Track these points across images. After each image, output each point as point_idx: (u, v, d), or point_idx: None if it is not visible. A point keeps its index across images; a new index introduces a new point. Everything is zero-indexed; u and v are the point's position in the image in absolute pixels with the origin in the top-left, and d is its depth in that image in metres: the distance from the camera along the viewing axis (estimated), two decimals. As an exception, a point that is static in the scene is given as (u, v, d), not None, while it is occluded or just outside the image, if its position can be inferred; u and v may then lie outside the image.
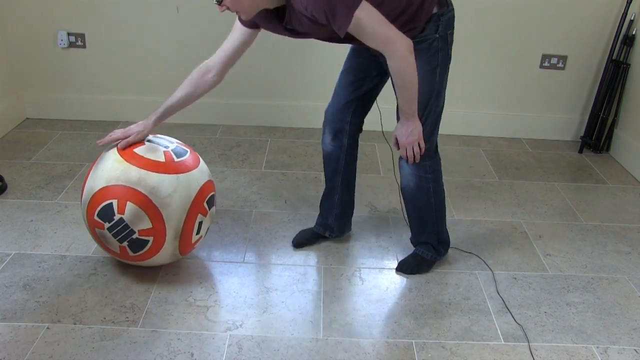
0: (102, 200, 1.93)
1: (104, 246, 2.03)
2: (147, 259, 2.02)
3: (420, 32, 1.81)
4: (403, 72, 1.71)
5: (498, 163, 3.19)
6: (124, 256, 2.03)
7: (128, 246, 1.97)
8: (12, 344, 1.78)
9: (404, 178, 2.09)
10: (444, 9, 1.83)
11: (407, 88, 1.77)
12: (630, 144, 3.18)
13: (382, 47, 1.68)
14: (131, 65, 3.34)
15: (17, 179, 2.75)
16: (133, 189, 1.90)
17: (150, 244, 1.97)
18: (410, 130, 1.89)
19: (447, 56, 1.89)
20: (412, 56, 1.68)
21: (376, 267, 2.25)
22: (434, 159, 2.05)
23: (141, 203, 1.90)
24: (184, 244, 2.04)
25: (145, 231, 1.93)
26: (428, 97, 1.90)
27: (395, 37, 1.65)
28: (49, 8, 3.19)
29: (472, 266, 2.28)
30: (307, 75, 3.37)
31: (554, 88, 3.41)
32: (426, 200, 2.10)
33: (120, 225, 1.92)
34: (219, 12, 1.73)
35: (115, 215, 1.91)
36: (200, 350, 1.80)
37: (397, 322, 1.97)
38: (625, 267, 2.32)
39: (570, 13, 3.22)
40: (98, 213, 1.94)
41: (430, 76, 1.87)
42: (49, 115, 3.45)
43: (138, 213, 1.90)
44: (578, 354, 1.87)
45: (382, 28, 1.64)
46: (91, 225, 1.99)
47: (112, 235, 1.95)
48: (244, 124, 3.48)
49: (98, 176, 1.96)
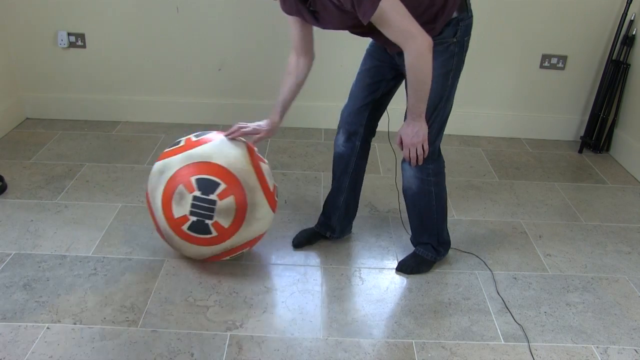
0: (206, 172, 1.97)
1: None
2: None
3: (439, 34, 1.81)
4: (419, 69, 1.71)
5: (498, 163, 3.19)
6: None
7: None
8: (12, 344, 1.79)
9: (406, 180, 2.09)
10: (464, 14, 1.83)
11: (420, 87, 1.77)
12: (630, 144, 3.18)
13: (401, 41, 1.68)
14: (131, 65, 3.34)
15: (17, 179, 2.75)
16: (242, 186, 1.99)
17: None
18: (416, 131, 1.88)
19: (461, 62, 1.89)
20: (430, 55, 1.69)
21: (376, 267, 2.25)
22: (437, 162, 2.04)
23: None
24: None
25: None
26: (438, 100, 1.90)
27: (416, 33, 1.65)
28: (49, 8, 3.19)
29: (472, 266, 2.28)
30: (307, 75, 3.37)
31: (554, 88, 3.41)
32: (427, 202, 2.10)
33: (200, 200, 1.96)
34: (218, 12, 1.73)
35: (213, 196, 1.96)
36: (200, 350, 1.80)
37: (397, 322, 1.97)
38: (625, 267, 2.32)
39: (570, 13, 3.22)
40: (198, 181, 1.96)
41: (443, 79, 1.87)
42: (49, 115, 3.45)
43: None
44: (578, 354, 1.87)
45: (405, 22, 1.65)
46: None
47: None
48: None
49: (221, 152, 2.01)
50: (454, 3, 1.79)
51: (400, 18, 1.64)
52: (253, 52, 3.32)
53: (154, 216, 2.08)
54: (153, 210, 2.07)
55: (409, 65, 1.71)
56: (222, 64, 3.34)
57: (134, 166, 2.93)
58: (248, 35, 3.25)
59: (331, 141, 3.32)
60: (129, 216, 2.49)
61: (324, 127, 3.50)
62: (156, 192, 2.03)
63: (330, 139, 3.35)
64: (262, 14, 3.20)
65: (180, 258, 2.23)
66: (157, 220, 2.06)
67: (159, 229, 2.10)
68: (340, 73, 3.35)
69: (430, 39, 1.67)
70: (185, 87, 3.41)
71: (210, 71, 3.36)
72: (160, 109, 3.45)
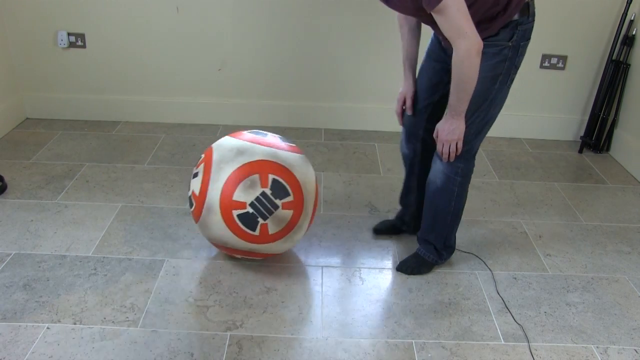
0: (284, 178, 2.00)
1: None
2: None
3: (494, 35, 1.80)
4: (463, 69, 1.72)
5: (498, 163, 3.19)
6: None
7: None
8: (12, 344, 1.79)
9: (433, 173, 2.08)
10: (524, 18, 1.81)
11: (462, 87, 1.77)
12: (630, 144, 3.18)
13: (454, 37, 1.69)
14: (131, 65, 3.34)
15: (17, 179, 2.75)
16: (303, 206, 2.05)
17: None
18: (453, 129, 1.89)
19: (513, 67, 1.87)
20: (477, 58, 1.70)
21: (376, 267, 2.25)
22: (467, 163, 2.03)
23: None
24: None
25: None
26: (481, 101, 1.88)
27: (469, 33, 1.67)
28: (49, 8, 3.19)
29: (472, 266, 2.28)
30: (307, 75, 3.37)
31: (554, 88, 3.41)
32: (447, 201, 2.08)
33: (266, 199, 1.98)
34: (218, 12, 1.73)
35: (258, 189, 1.97)
36: (200, 350, 1.80)
37: (397, 322, 1.97)
38: (625, 267, 2.33)
39: (570, 13, 3.22)
40: (274, 181, 1.99)
41: (489, 82, 1.85)
42: (49, 115, 3.45)
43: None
44: (578, 354, 1.87)
45: (462, 20, 1.66)
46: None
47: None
48: (244, 124, 3.48)
49: (301, 168, 2.07)
50: (517, 5, 1.78)
51: (459, 15, 1.66)
52: (253, 52, 3.32)
53: (206, 183, 2.03)
54: (209, 177, 2.02)
55: (455, 63, 1.73)
56: (222, 64, 3.34)
57: (134, 166, 2.93)
58: (248, 35, 3.25)
59: (331, 141, 3.33)
60: (129, 216, 2.49)
61: (324, 127, 3.50)
62: (226, 166, 2.00)
63: (330, 139, 3.36)
64: (262, 13, 3.20)
65: (180, 258, 2.23)
66: (207, 189, 2.02)
67: (198, 196, 2.05)
68: (340, 73, 3.35)
69: (481, 42, 1.69)
70: (185, 87, 3.41)
71: (210, 71, 3.36)
72: (160, 109, 3.45)
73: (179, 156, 3.06)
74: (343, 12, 3.20)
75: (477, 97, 1.84)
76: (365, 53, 3.30)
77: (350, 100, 3.44)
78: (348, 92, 3.42)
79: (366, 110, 3.45)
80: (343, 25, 3.23)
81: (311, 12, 3.20)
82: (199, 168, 2.09)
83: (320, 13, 3.20)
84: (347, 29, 3.24)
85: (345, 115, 3.47)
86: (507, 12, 1.77)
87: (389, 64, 3.31)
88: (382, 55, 3.30)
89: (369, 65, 3.33)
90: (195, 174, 2.09)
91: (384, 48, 3.27)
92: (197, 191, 2.06)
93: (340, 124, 3.49)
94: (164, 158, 3.03)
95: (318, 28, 3.25)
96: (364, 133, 3.46)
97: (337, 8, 3.19)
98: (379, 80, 3.37)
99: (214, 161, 2.04)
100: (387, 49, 3.27)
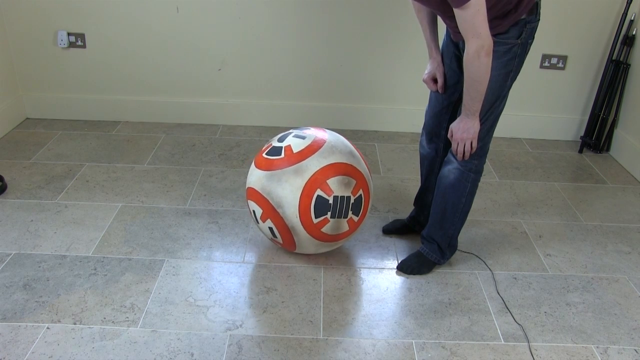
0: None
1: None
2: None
3: (504, 33, 1.83)
4: (475, 68, 1.75)
5: (498, 163, 3.19)
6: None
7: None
8: (12, 344, 1.79)
9: (447, 169, 2.08)
10: (532, 16, 1.84)
11: (474, 86, 1.80)
12: (630, 144, 3.17)
13: (468, 34, 1.72)
14: (131, 65, 3.34)
15: (17, 179, 2.75)
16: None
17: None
18: (467, 128, 1.91)
19: (521, 63, 1.91)
20: (487, 58, 1.73)
21: (376, 267, 2.25)
22: (481, 160, 2.05)
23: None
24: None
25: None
26: (494, 99, 1.91)
27: (482, 34, 1.70)
28: (49, 8, 3.19)
29: (472, 266, 2.28)
30: (307, 75, 3.37)
31: (554, 88, 3.41)
32: (458, 197, 2.09)
33: (345, 202, 2.06)
34: (218, 12, 1.73)
35: (329, 198, 2.04)
36: (200, 350, 1.80)
37: (397, 322, 1.97)
38: (625, 267, 2.32)
39: (570, 13, 3.22)
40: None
41: (502, 79, 1.89)
42: (49, 115, 3.45)
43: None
44: (578, 354, 1.87)
45: (479, 21, 1.69)
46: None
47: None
48: (244, 124, 3.48)
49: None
50: (527, 4, 1.81)
51: (478, 15, 1.68)
52: (253, 52, 3.32)
53: (310, 149, 2.06)
54: (317, 149, 2.06)
55: (467, 62, 1.75)
56: (222, 64, 3.34)
57: (134, 166, 2.93)
58: (248, 35, 3.25)
59: (331, 141, 3.32)
60: (129, 216, 2.49)
61: (324, 127, 3.50)
62: (338, 153, 2.07)
63: (330, 139, 3.36)
64: (262, 14, 3.20)
65: (180, 258, 2.24)
66: (308, 156, 2.04)
67: (295, 153, 2.06)
68: (340, 73, 3.35)
69: (492, 44, 1.72)
70: (185, 87, 3.41)
71: (210, 71, 3.36)
72: (160, 109, 3.45)
73: (178, 156, 3.06)
74: (343, 12, 3.20)
75: (491, 95, 1.88)
76: (365, 54, 3.30)
77: (351, 101, 3.44)
78: (348, 92, 3.42)
79: (366, 110, 3.45)
80: (343, 25, 3.23)
81: (311, 12, 3.20)
82: (306, 134, 2.12)
83: (320, 13, 3.20)
84: (347, 29, 3.24)
85: (345, 115, 3.47)
86: (518, 10, 1.81)
87: (389, 64, 3.31)
88: (382, 55, 3.30)
89: (369, 66, 3.33)
90: (302, 137, 2.11)
91: (384, 48, 3.27)
92: (294, 149, 2.08)
93: (340, 124, 3.49)
94: (164, 158, 3.03)
95: (318, 28, 3.25)
96: (364, 133, 3.46)
97: (337, 8, 3.19)
98: (379, 81, 3.37)
99: (328, 141, 2.10)
100: (388, 50, 3.27)
